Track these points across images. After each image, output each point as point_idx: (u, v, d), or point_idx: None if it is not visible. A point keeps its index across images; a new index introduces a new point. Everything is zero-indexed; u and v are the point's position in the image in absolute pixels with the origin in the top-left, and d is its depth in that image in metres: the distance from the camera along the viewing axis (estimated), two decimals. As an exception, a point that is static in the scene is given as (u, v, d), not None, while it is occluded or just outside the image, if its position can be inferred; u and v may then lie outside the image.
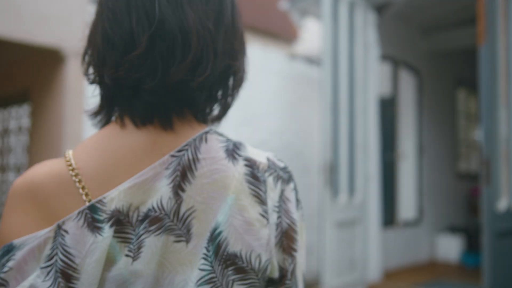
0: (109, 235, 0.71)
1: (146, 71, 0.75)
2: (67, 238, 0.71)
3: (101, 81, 0.80)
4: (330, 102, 5.09)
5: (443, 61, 8.07)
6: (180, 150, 0.77)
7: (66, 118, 3.14)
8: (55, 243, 0.71)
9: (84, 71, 0.82)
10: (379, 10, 6.20)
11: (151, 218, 0.73)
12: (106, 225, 0.72)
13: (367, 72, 5.78)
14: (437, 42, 7.56)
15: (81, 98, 3.20)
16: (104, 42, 0.77)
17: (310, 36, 7.81)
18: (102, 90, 0.82)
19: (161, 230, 0.73)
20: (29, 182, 0.76)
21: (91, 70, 0.81)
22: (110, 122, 0.83)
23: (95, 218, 0.72)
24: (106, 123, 0.84)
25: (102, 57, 0.78)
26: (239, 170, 0.78)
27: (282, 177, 0.83)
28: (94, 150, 0.78)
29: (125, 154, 0.76)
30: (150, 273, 0.72)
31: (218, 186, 0.75)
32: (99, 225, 0.72)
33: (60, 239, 0.71)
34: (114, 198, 0.73)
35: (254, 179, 0.78)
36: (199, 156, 0.77)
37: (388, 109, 7.22)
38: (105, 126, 0.83)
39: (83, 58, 0.82)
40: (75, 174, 0.76)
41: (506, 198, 3.94)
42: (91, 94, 0.85)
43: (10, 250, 0.71)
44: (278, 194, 0.80)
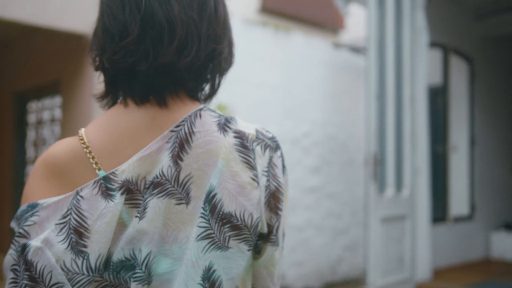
0: (120, 202, 0.84)
1: (139, 56, 0.87)
2: (82, 202, 0.83)
3: (103, 67, 0.92)
4: (376, 91, 4.81)
5: (498, 47, 7.60)
6: (178, 126, 0.88)
7: (95, 108, 3.01)
8: (70, 205, 0.83)
9: (91, 60, 0.94)
10: (428, -7, 5.85)
11: (155, 183, 0.85)
12: (117, 193, 0.84)
13: (415, 59, 5.45)
14: (491, 26, 7.11)
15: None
16: (104, 33, 0.90)
17: (355, 24, 7.49)
18: (104, 75, 0.95)
19: (163, 194, 0.85)
20: (49, 156, 0.90)
21: (96, 58, 0.93)
22: (115, 104, 0.95)
23: (108, 187, 0.84)
24: (112, 105, 0.96)
25: (103, 46, 0.91)
26: (229, 140, 0.88)
27: (270, 145, 0.92)
28: (103, 127, 0.90)
29: (128, 129, 0.88)
30: (155, 231, 0.83)
31: (211, 154, 0.86)
32: (111, 193, 0.84)
33: (75, 202, 0.83)
34: (125, 170, 0.85)
35: (244, 148, 0.88)
36: (194, 129, 0.88)
37: (438, 98, 6.85)
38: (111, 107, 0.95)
39: (90, 48, 0.94)
40: (86, 147, 0.88)
41: None
42: (98, 81, 0.98)
43: (34, 207, 0.84)
44: (266, 161, 0.90)
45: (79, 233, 0.82)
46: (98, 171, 0.87)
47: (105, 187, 0.85)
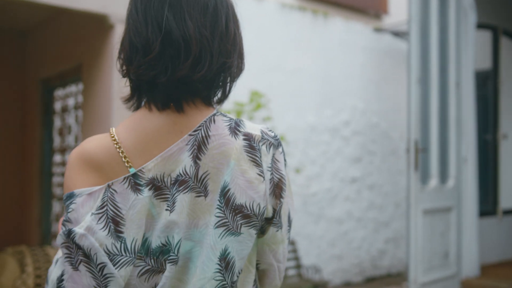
0: (147, 195, 0.99)
1: (159, 70, 1.01)
2: (116, 195, 0.98)
3: (129, 75, 1.05)
4: (417, 75, 4.51)
5: (553, 29, 7.10)
6: (195, 130, 1.02)
7: (114, 93, 2.87)
8: (105, 197, 0.98)
9: (119, 67, 1.08)
10: (476, -29, 5.47)
11: (180, 181, 1.00)
12: (145, 188, 0.99)
13: (461, 41, 5.11)
14: (546, 7, 6.63)
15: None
16: (130, 46, 1.04)
17: (399, 7, 7.14)
18: (130, 82, 1.07)
19: (187, 189, 1.00)
20: (83, 151, 1.03)
21: (124, 67, 1.06)
22: (140, 107, 1.07)
23: (137, 182, 0.99)
24: (137, 107, 1.08)
25: (129, 57, 1.04)
26: (239, 143, 1.03)
27: (273, 144, 1.07)
28: (131, 128, 1.04)
29: (153, 132, 1.02)
30: (182, 221, 1.00)
31: (224, 155, 1.01)
32: (140, 187, 0.99)
33: (109, 195, 0.98)
34: (151, 168, 1.00)
35: (251, 149, 1.03)
36: (210, 133, 1.02)
37: (487, 83, 6.45)
38: (136, 109, 1.08)
39: (118, 57, 1.07)
40: (119, 147, 1.02)
41: None
42: (124, 85, 1.11)
43: (71, 196, 0.99)
44: (270, 158, 1.05)
45: (116, 221, 0.98)
46: (129, 169, 1.01)
47: (134, 183, 1.00)
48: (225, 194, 1.01)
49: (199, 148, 1.02)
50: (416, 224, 4.47)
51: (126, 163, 1.01)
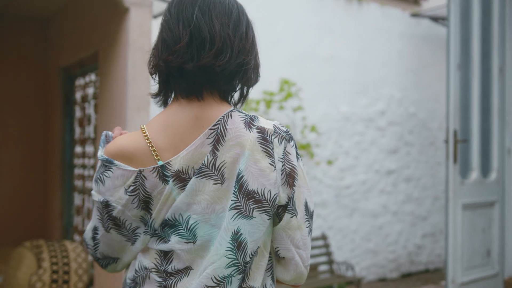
0: (172, 185, 1.16)
1: (187, 57, 1.17)
2: (146, 182, 1.16)
3: (159, 68, 1.21)
4: (457, 61, 4.22)
5: None
6: (215, 125, 1.17)
7: (129, 81, 2.73)
8: (137, 182, 1.16)
9: (148, 69, 1.25)
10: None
11: (198, 169, 1.16)
12: (171, 179, 1.15)
13: (506, 25, 4.77)
14: None
15: (143, 54, 2.77)
16: (161, 44, 1.20)
17: (437, -10, 6.80)
18: (159, 76, 1.23)
19: (201, 175, 1.15)
20: (118, 149, 1.19)
21: (152, 63, 1.23)
22: (167, 102, 1.25)
23: (164, 173, 1.16)
24: (164, 102, 1.25)
25: (160, 53, 1.20)
26: (253, 135, 1.17)
27: (285, 137, 1.19)
28: (159, 125, 1.20)
29: (179, 128, 1.18)
30: (194, 203, 1.16)
31: (239, 146, 1.15)
32: (167, 178, 1.16)
33: (141, 181, 1.16)
34: (176, 162, 1.16)
35: (264, 141, 1.16)
36: (227, 127, 1.17)
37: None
38: (163, 104, 1.26)
39: (149, 60, 1.24)
40: (149, 142, 1.18)
41: None
42: (153, 83, 1.27)
43: (111, 163, 1.18)
44: (282, 150, 1.18)
45: (147, 202, 1.17)
46: (158, 161, 1.16)
47: (162, 173, 1.14)
48: (239, 180, 1.14)
49: (218, 140, 1.16)
50: (455, 219, 4.20)
51: (155, 156, 1.16)
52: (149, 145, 1.17)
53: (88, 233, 1.25)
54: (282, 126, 1.22)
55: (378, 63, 6.40)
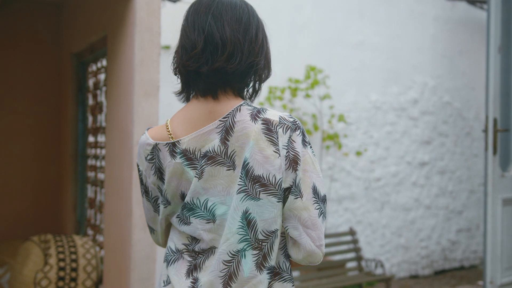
0: (179, 161, 1.32)
1: (202, 62, 1.31)
2: (160, 153, 1.34)
3: (180, 71, 1.37)
4: (498, 44, 3.88)
5: None
6: (224, 117, 1.31)
7: (136, 64, 2.52)
8: (154, 153, 1.36)
9: (172, 70, 1.41)
10: None
11: (209, 157, 1.31)
12: (179, 155, 1.32)
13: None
14: None
15: (152, 35, 2.55)
16: (181, 49, 1.36)
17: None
18: (181, 78, 1.39)
19: (215, 163, 1.30)
20: (148, 131, 1.40)
21: (175, 65, 1.40)
22: (189, 99, 1.40)
23: (174, 150, 1.33)
24: (187, 99, 1.40)
25: (180, 57, 1.36)
26: (258, 126, 1.29)
27: (290, 127, 1.30)
28: (180, 118, 1.37)
29: (195, 120, 1.34)
30: (210, 187, 1.31)
31: (246, 136, 1.29)
32: (175, 154, 1.33)
33: (156, 152, 1.35)
34: (185, 142, 1.32)
35: (269, 131, 1.29)
36: (235, 120, 1.30)
37: None
38: (186, 100, 1.41)
39: (172, 62, 1.40)
40: (170, 135, 1.36)
41: None
42: (176, 82, 1.43)
43: (141, 141, 1.41)
44: (286, 138, 1.29)
45: (160, 171, 1.37)
46: (170, 139, 1.35)
47: (172, 149, 1.33)
48: (245, 167, 1.27)
49: (227, 132, 1.29)
50: (494, 215, 3.89)
51: (169, 136, 1.34)
52: (169, 136, 1.35)
53: None
54: (290, 117, 1.33)
55: (411, 49, 6.07)
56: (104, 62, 3.34)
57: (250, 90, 1.41)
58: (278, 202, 1.27)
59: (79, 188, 3.68)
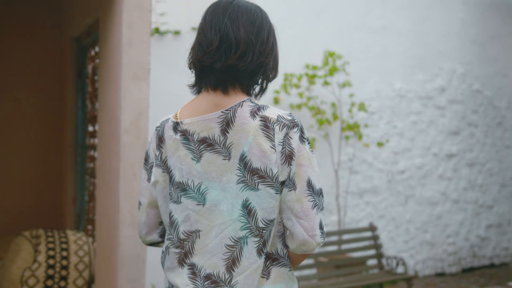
0: (178, 138, 1.43)
1: (216, 58, 1.42)
2: (165, 127, 1.48)
3: (195, 65, 1.48)
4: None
5: None
6: (227, 110, 1.41)
7: (123, 43, 2.31)
8: (162, 125, 1.51)
9: (187, 64, 1.50)
10: None
11: (208, 143, 1.40)
12: (179, 133, 1.44)
13: None
14: None
15: (142, 13, 2.33)
16: (198, 46, 1.47)
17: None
18: (195, 71, 1.49)
19: (213, 151, 1.40)
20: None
21: (190, 60, 1.50)
22: (200, 92, 1.50)
23: (176, 128, 1.45)
24: (199, 92, 1.51)
25: (196, 53, 1.47)
26: (256, 123, 1.38)
27: (287, 125, 1.39)
28: (188, 108, 1.48)
29: (202, 110, 1.45)
30: (207, 172, 1.40)
31: (244, 131, 1.38)
32: (176, 132, 1.45)
33: (162, 127, 1.50)
34: (186, 123, 1.43)
35: (266, 128, 1.38)
36: (236, 115, 1.40)
37: None
38: (198, 93, 1.52)
39: (188, 57, 1.50)
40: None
41: None
42: (190, 75, 1.54)
43: (159, 126, 1.54)
44: (282, 135, 1.38)
45: (161, 141, 1.49)
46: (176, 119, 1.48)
47: (175, 127, 1.45)
48: (243, 160, 1.38)
49: (227, 124, 1.40)
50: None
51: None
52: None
53: None
54: (288, 115, 1.42)
55: (438, 34, 5.73)
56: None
57: (257, 88, 1.51)
58: (276, 193, 1.38)
59: (79, 180, 3.50)
